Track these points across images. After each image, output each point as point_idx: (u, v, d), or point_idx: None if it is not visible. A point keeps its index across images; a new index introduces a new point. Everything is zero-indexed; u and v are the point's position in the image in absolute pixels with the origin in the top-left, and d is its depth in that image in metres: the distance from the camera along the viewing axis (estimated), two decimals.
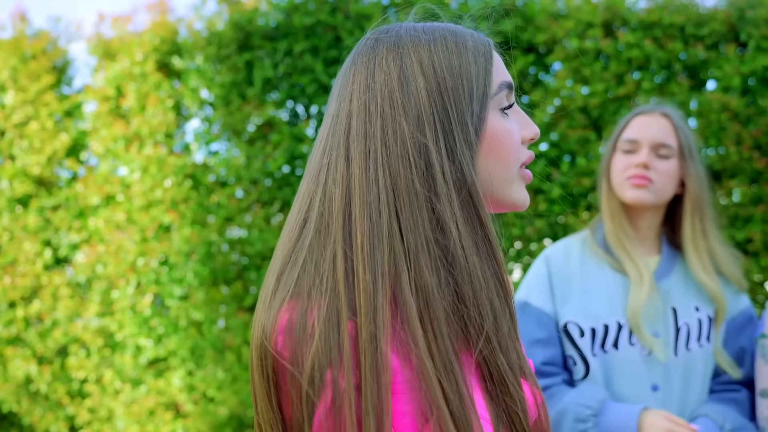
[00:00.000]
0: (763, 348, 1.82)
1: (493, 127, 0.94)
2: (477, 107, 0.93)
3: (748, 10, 3.18)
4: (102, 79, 4.01)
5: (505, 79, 0.98)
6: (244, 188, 3.73)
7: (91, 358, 3.98)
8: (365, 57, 0.95)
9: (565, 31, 3.33)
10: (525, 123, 0.99)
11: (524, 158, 0.99)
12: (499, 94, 0.96)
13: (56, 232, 4.10)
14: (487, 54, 0.97)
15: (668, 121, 1.93)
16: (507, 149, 0.95)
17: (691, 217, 1.92)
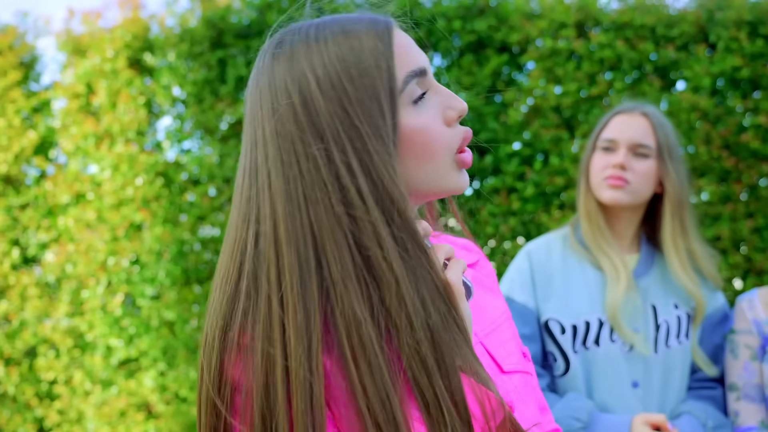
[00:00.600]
0: (731, 343, 1.85)
1: (406, 126, 0.87)
2: (387, 112, 0.85)
3: (717, 12, 3.23)
4: (72, 75, 3.95)
5: (412, 69, 0.88)
6: (216, 187, 3.70)
7: (60, 359, 3.92)
8: (266, 77, 0.90)
9: (538, 31, 3.36)
10: (448, 102, 0.90)
11: (456, 143, 0.90)
12: (407, 89, 0.87)
13: (24, 231, 4.03)
14: (386, 48, 0.87)
15: (647, 120, 1.94)
16: (427, 146, 0.88)
17: (671, 216, 1.93)
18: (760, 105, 3.19)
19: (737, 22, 3.19)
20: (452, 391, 0.79)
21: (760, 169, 3.17)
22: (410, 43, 0.92)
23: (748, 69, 3.15)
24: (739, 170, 3.19)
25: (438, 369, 0.80)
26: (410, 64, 0.89)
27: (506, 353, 0.97)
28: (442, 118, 0.90)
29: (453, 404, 0.79)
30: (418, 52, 0.92)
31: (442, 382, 0.79)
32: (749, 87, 3.24)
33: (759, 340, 1.78)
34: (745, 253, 3.19)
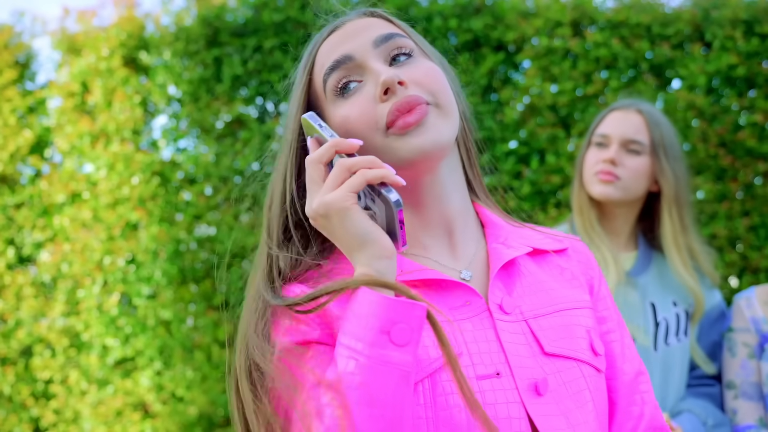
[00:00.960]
0: (729, 341, 1.86)
1: (334, 119, 0.97)
2: (294, 124, 1.00)
3: (712, 11, 3.24)
4: (67, 74, 3.94)
5: (326, 65, 0.97)
6: (213, 185, 3.69)
7: (56, 359, 3.92)
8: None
9: (534, 30, 3.36)
10: (375, 80, 0.94)
11: (382, 119, 0.93)
12: (329, 83, 0.97)
13: (19, 231, 4.02)
14: (309, 55, 1.02)
15: (641, 117, 1.95)
16: (351, 133, 0.95)
17: (669, 215, 1.93)
18: (755, 103, 3.19)
19: (733, 21, 3.19)
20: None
21: (756, 168, 3.18)
22: (338, 40, 0.99)
23: (744, 67, 3.16)
24: (735, 168, 3.20)
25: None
26: (328, 61, 0.97)
27: (559, 338, 0.96)
28: (376, 98, 0.94)
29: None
30: (343, 46, 0.97)
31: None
32: (745, 85, 3.25)
33: (757, 338, 1.78)
34: (741, 251, 3.20)
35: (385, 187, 0.87)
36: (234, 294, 3.60)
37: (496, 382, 0.89)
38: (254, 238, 3.53)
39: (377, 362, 0.81)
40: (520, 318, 0.96)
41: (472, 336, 0.92)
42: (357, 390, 0.80)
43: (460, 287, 0.95)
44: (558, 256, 1.07)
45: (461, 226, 1.02)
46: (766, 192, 3.17)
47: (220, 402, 3.61)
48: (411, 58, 0.98)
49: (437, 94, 0.95)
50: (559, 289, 1.02)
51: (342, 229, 0.86)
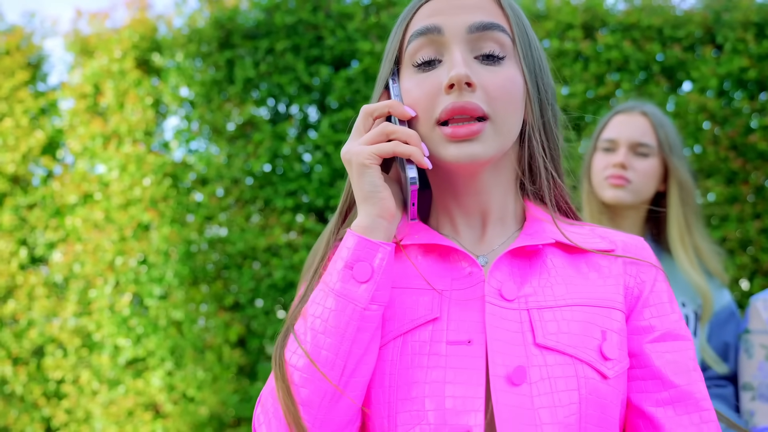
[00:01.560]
0: (746, 343, 1.86)
1: (403, 84, 0.98)
2: (384, 70, 1.01)
3: (723, 13, 3.24)
4: (79, 76, 3.96)
5: (415, 29, 0.97)
6: (224, 187, 3.71)
7: (68, 359, 3.94)
8: None
9: (545, 32, 3.37)
10: (448, 69, 0.93)
11: (438, 114, 0.93)
12: (409, 48, 0.97)
13: (32, 231, 4.04)
14: (411, 9, 1.00)
15: (647, 119, 1.96)
16: (410, 103, 0.96)
17: (676, 214, 1.94)
18: (767, 106, 3.20)
19: (744, 24, 3.20)
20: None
21: (767, 170, 3.18)
22: (443, 6, 0.96)
23: (755, 70, 3.16)
24: (747, 171, 3.20)
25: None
26: (421, 24, 0.96)
27: (560, 332, 0.91)
28: (439, 87, 0.93)
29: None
30: (442, 15, 0.95)
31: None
32: (756, 88, 3.25)
33: None
34: (752, 254, 3.20)
35: (410, 164, 0.93)
36: (245, 295, 3.62)
37: (464, 349, 0.89)
38: (265, 240, 3.55)
39: (337, 294, 0.88)
40: (523, 306, 0.92)
41: (458, 304, 0.93)
42: (317, 318, 0.89)
43: (465, 257, 0.96)
44: (602, 257, 1.00)
45: (496, 219, 1.02)
46: None
47: (231, 402, 3.63)
48: (498, 60, 0.95)
49: (500, 109, 0.94)
50: (585, 285, 0.96)
51: (357, 181, 0.92)
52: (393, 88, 0.98)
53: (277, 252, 3.63)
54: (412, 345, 0.91)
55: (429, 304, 0.93)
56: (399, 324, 0.93)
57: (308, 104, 3.67)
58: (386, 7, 3.57)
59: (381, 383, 0.91)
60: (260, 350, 3.71)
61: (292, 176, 3.60)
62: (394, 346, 0.92)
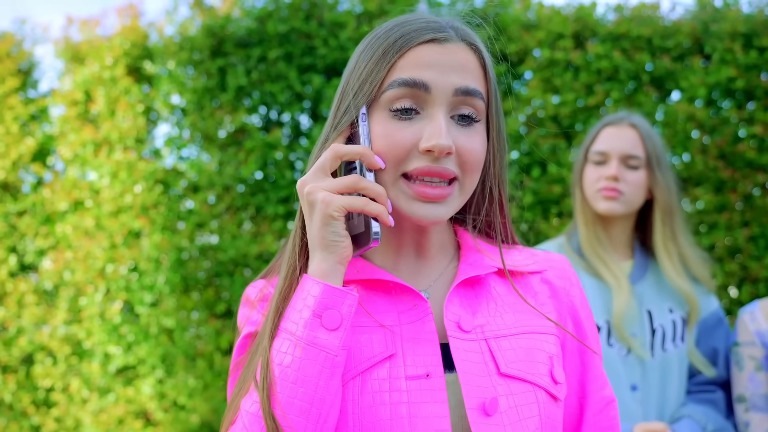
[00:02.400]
0: (736, 356, 1.89)
1: (375, 121, 0.96)
2: (352, 95, 0.97)
3: (712, 24, 3.28)
4: (70, 83, 3.95)
5: (400, 77, 0.94)
6: (216, 194, 3.71)
7: (57, 367, 3.92)
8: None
9: (536, 42, 3.40)
10: (430, 133, 0.93)
11: (409, 167, 0.94)
12: (390, 92, 0.94)
13: (22, 238, 4.02)
14: (399, 47, 0.96)
15: (636, 132, 2.01)
16: (379, 147, 0.95)
17: (661, 223, 2.00)
18: (755, 115, 3.23)
19: (732, 34, 3.24)
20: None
21: (755, 179, 3.22)
22: (431, 60, 0.95)
23: (743, 80, 3.20)
24: (735, 180, 3.24)
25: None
26: (407, 74, 0.94)
27: (518, 360, 0.97)
28: (415, 142, 0.94)
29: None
30: (431, 71, 0.94)
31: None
32: (744, 98, 3.29)
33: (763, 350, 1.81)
34: (741, 262, 3.23)
35: (375, 220, 0.93)
36: (236, 303, 3.62)
37: (424, 383, 0.92)
38: (256, 247, 3.55)
39: (306, 342, 0.88)
40: (480, 336, 0.97)
41: (411, 340, 0.95)
42: (285, 368, 0.87)
43: (408, 291, 0.99)
44: (533, 277, 1.08)
45: (434, 252, 1.06)
46: (765, 203, 3.21)
47: (222, 410, 3.62)
48: (472, 125, 0.98)
49: (468, 172, 0.97)
50: (528, 311, 1.03)
51: (319, 229, 0.91)
52: (363, 128, 0.95)
53: (268, 259, 3.63)
54: (372, 383, 0.92)
55: (382, 341, 0.95)
56: (355, 363, 0.93)
57: (300, 112, 3.68)
58: (379, 17, 3.59)
59: (345, 424, 0.91)
60: None
61: (284, 183, 3.61)
62: (353, 385, 0.92)
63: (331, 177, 0.93)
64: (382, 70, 0.96)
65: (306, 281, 0.91)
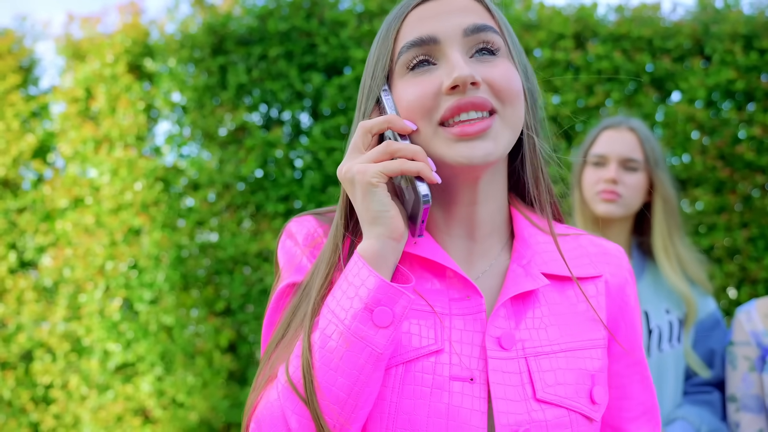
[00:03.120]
0: (730, 355, 1.89)
1: (396, 88, 0.95)
2: (374, 82, 0.96)
3: (712, 25, 3.29)
4: (71, 80, 3.96)
5: (409, 40, 0.93)
6: (216, 192, 3.71)
7: (56, 363, 3.92)
8: None
9: (537, 42, 3.40)
10: (448, 71, 0.90)
11: (441, 113, 0.90)
12: (402, 57, 0.93)
13: (22, 235, 4.02)
14: (398, 17, 0.96)
15: (634, 135, 2.03)
16: (406, 108, 0.92)
17: (660, 224, 2.02)
18: (754, 117, 3.24)
19: (732, 36, 3.24)
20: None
21: (754, 180, 3.23)
22: (430, 13, 0.94)
23: (743, 81, 3.21)
24: (734, 181, 3.24)
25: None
26: (412, 34, 0.93)
27: (556, 383, 0.93)
28: (439, 88, 0.91)
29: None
30: (432, 21, 0.93)
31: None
32: (744, 99, 3.30)
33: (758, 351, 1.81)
34: (740, 263, 3.24)
35: (419, 180, 0.89)
36: (236, 300, 3.62)
37: (467, 387, 0.89)
38: (256, 245, 3.56)
39: (353, 335, 0.84)
40: (520, 354, 0.93)
41: (459, 335, 0.92)
42: (329, 353, 0.84)
43: (463, 280, 0.95)
44: (588, 281, 1.02)
45: (485, 234, 1.00)
46: (764, 204, 3.22)
47: (221, 408, 3.62)
48: (494, 56, 0.94)
49: (507, 101, 0.92)
50: (574, 324, 0.98)
51: (362, 201, 0.88)
52: (386, 101, 0.94)
53: (268, 257, 3.63)
54: (415, 375, 0.89)
55: (431, 331, 0.92)
56: (401, 350, 0.90)
57: (300, 111, 3.68)
58: (379, 15, 3.59)
59: (381, 409, 0.89)
60: (251, 356, 3.71)
61: (284, 182, 3.61)
62: (396, 373, 0.90)
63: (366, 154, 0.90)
64: (389, 43, 0.95)
65: (359, 265, 0.87)
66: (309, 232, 1.00)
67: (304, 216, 1.03)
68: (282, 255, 1.02)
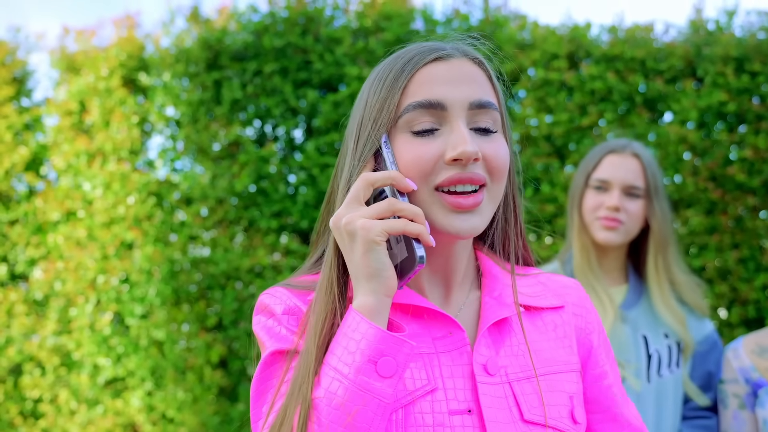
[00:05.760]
0: (721, 393, 1.90)
1: (397, 143, 0.97)
2: (371, 124, 0.98)
3: (704, 47, 3.32)
4: (65, 92, 3.95)
5: (415, 100, 0.96)
6: (208, 207, 3.71)
7: (46, 377, 3.89)
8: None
9: (530, 61, 3.42)
10: (454, 142, 0.94)
11: (439, 180, 0.95)
12: (407, 115, 0.96)
13: (13, 248, 4.00)
14: (407, 70, 0.98)
15: (638, 162, 2.01)
16: (406, 166, 0.95)
17: (654, 253, 2.01)
18: (745, 139, 3.27)
19: (724, 58, 3.27)
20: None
21: (745, 201, 3.25)
22: (440, 77, 0.97)
23: (734, 103, 3.23)
24: (725, 202, 3.26)
25: None
26: (421, 95, 0.96)
27: (539, 404, 0.98)
28: (441, 155, 0.95)
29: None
30: (442, 87, 0.96)
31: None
32: (735, 121, 3.33)
33: (746, 387, 1.82)
34: (731, 283, 3.25)
35: (416, 240, 0.91)
36: (228, 316, 3.61)
37: (467, 419, 0.93)
38: (248, 260, 3.55)
39: (360, 388, 0.85)
40: (504, 380, 0.98)
41: (449, 371, 0.96)
42: (336, 410, 0.85)
43: (443, 318, 0.98)
44: (554, 311, 1.09)
45: (459, 277, 1.06)
46: (755, 225, 3.24)
47: (211, 424, 3.61)
48: (492, 133, 0.99)
49: (496, 177, 0.98)
50: (548, 350, 1.04)
51: (361, 257, 0.89)
52: (387, 155, 0.96)
53: (260, 273, 3.63)
54: (415, 417, 0.92)
55: (422, 371, 0.95)
56: (398, 395, 0.92)
57: (294, 127, 3.69)
58: (375, 33, 3.61)
59: None
60: (242, 372, 3.70)
61: (277, 198, 3.61)
62: (396, 418, 0.91)
63: (365, 206, 0.92)
64: (395, 95, 0.97)
65: (356, 320, 0.88)
66: (287, 305, 1.00)
67: (274, 288, 1.04)
68: (259, 330, 1.02)
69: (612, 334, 1.91)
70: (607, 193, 2.00)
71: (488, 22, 3.57)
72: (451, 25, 3.59)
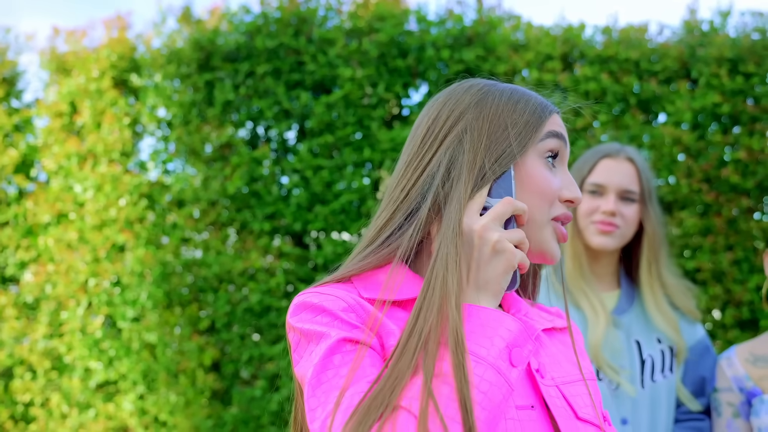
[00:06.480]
0: (715, 402, 1.89)
1: (531, 167, 1.04)
2: (506, 141, 1.03)
3: (699, 48, 3.31)
4: (55, 94, 3.92)
5: (553, 129, 1.06)
6: (201, 209, 3.68)
7: (37, 381, 3.86)
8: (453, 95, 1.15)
9: (524, 62, 3.41)
10: (569, 185, 1.06)
11: (557, 212, 1.05)
12: (544, 141, 1.04)
13: (3, 250, 3.97)
14: (541, 109, 1.08)
15: (633, 166, 2.00)
16: (538, 190, 1.03)
17: (647, 257, 2.00)
18: (739, 140, 3.26)
19: (718, 59, 3.27)
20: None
21: (739, 203, 3.24)
22: (562, 126, 1.10)
23: (728, 105, 3.23)
24: (719, 203, 3.26)
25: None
26: (554, 127, 1.07)
27: (584, 404, 1.04)
28: (559, 189, 1.05)
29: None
30: (563, 131, 1.09)
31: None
32: (729, 122, 3.32)
33: (740, 396, 1.81)
34: (724, 285, 3.25)
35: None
36: (220, 319, 3.59)
37: (532, 414, 0.98)
38: (241, 263, 3.53)
39: (497, 370, 0.91)
40: (552, 383, 1.04)
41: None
42: (482, 393, 0.88)
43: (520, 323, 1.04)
44: (562, 332, 1.18)
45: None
46: (749, 227, 3.24)
47: (204, 427, 3.58)
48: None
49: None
50: (567, 363, 1.11)
51: (499, 274, 0.96)
52: (513, 182, 1.01)
53: (253, 276, 3.61)
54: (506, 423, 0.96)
55: None
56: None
57: (287, 129, 3.67)
58: (368, 34, 3.59)
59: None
60: (235, 375, 3.68)
61: (270, 200, 3.59)
62: None
63: (502, 228, 0.99)
64: (540, 121, 1.06)
65: (494, 314, 0.94)
66: (346, 302, 0.98)
67: (320, 287, 1.02)
68: (310, 325, 0.98)
69: (605, 339, 1.90)
70: (603, 197, 1.98)
71: (482, 23, 3.56)
72: (445, 25, 3.58)
